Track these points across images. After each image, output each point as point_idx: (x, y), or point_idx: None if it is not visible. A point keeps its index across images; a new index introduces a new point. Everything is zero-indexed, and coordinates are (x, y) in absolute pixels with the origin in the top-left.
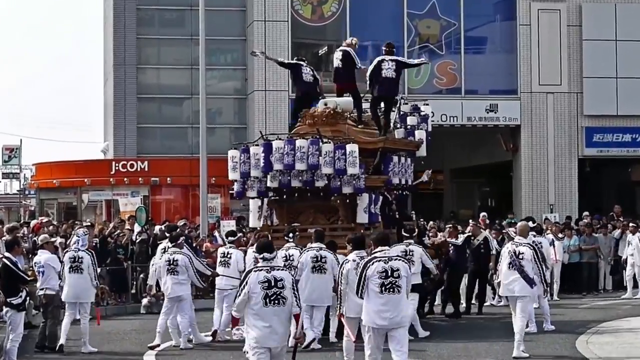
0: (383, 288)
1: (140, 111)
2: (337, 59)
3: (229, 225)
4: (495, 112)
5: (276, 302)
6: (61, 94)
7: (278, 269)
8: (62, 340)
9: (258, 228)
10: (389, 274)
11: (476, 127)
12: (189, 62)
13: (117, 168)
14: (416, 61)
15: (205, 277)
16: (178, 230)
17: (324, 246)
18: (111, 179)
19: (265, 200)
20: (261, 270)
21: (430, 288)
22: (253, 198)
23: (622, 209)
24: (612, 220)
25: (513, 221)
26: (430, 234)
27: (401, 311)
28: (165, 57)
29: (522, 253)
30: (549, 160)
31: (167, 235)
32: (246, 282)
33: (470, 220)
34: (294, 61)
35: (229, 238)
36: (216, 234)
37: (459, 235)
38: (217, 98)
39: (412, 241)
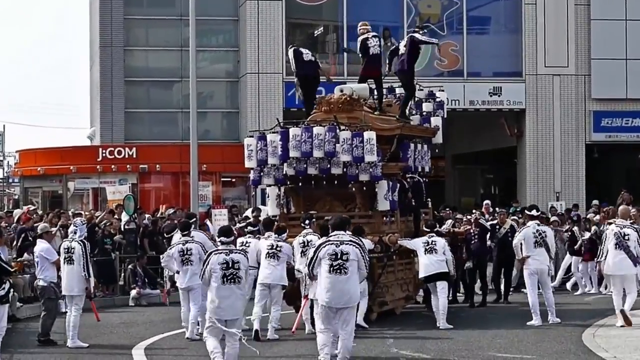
0: (331, 269)
1: (128, 95)
2: (376, 45)
3: (221, 214)
4: (499, 96)
5: (232, 281)
6: (46, 77)
7: (236, 252)
8: (68, 337)
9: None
10: (338, 257)
11: (479, 111)
12: (179, 43)
13: (104, 155)
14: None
15: None
16: (194, 218)
17: None
18: (98, 166)
19: (283, 188)
20: (221, 252)
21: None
22: (270, 186)
23: (633, 197)
24: None
25: (517, 209)
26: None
27: (348, 291)
28: (154, 39)
29: (628, 234)
30: (555, 146)
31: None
32: (208, 262)
33: (497, 208)
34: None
35: (249, 228)
36: (207, 222)
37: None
38: (209, 81)
39: (434, 234)
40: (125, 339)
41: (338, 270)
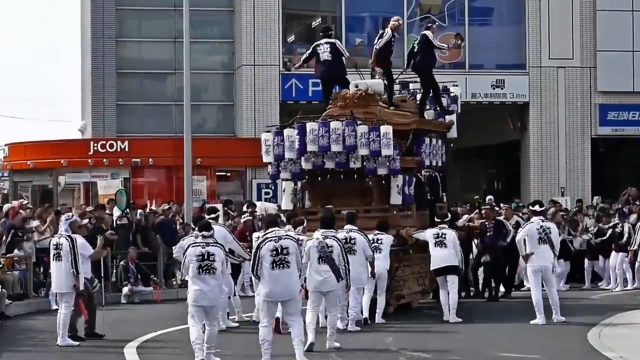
0: (274, 264)
1: (121, 87)
2: (381, 40)
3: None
4: (502, 88)
5: (208, 271)
6: (35, 68)
7: (212, 245)
8: (58, 335)
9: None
10: (279, 252)
11: (481, 105)
12: (173, 34)
13: (95, 148)
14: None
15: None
16: (217, 212)
17: (355, 228)
18: (89, 160)
19: (300, 182)
20: (198, 245)
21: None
22: (287, 180)
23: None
24: (627, 204)
25: (520, 205)
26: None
27: (290, 285)
28: (147, 30)
29: None
30: (559, 140)
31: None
32: (186, 255)
33: (502, 204)
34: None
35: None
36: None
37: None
38: (203, 73)
39: (445, 225)
40: (116, 337)
41: (280, 265)
